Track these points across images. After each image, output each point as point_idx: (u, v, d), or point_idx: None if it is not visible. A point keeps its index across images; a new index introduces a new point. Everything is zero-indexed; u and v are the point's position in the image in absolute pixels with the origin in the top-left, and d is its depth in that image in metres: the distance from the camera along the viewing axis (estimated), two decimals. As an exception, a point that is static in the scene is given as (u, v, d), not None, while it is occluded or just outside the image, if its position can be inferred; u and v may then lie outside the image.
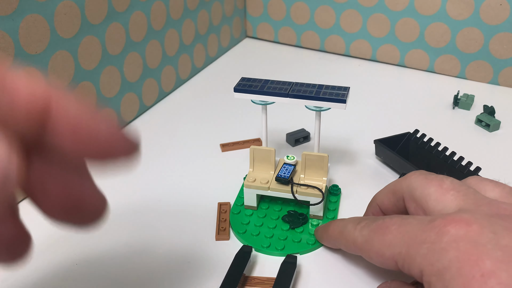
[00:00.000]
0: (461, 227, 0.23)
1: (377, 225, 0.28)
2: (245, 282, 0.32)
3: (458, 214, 0.25)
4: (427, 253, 0.24)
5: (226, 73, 0.65)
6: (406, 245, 0.25)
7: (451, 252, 0.23)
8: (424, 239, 0.24)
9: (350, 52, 0.68)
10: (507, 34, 0.56)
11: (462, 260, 0.22)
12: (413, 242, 0.25)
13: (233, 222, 0.37)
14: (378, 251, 0.27)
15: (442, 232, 0.24)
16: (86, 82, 0.46)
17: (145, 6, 0.52)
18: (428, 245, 0.24)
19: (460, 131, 0.50)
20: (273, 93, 0.37)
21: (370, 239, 0.28)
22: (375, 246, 0.27)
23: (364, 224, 0.29)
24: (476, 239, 0.23)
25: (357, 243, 0.29)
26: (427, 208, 0.27)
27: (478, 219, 0.24)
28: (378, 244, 0.27)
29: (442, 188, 0.27)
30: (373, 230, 0.28)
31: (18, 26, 0.37)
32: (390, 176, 0.43)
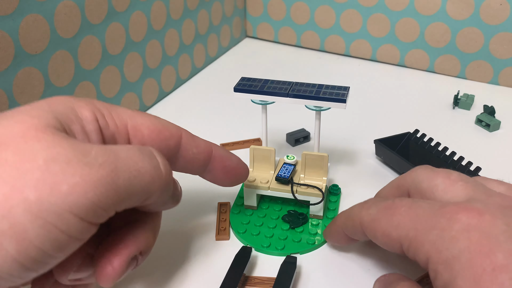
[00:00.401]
0: (473, 216, 0.23)
1: (386, 205, 0.27)
2: (245, 282, 0.32)
3: (470, 202, 0.24)
4: (436, 240, 0.23)
5: (226, 73, 0.65)
6: (414, 229, 0.24)
7: (462, 241, 0.22)
8: (434, 224, 0.23)
9: (350, 52, 0.68)
10: (507, 34, 0.56)
11: (473, 251, 0.21)
12: (422, 227, 0.24)
13: (233, 222, 0.37)
14: (384, 231, 0.26)
15: (453, 219, 0.23)
16: (86, 82, 0.46)
17: (145, 6, 0.52)
18: (437, 231, 0.23)
19: (460, 131, 0.50)
20: (273, 93, 0.37)
21: (377, 218, 0.27)
22: (382, 225, 0.26)
23: (371, 204, 0.28)
24: (489, 230, 0.22)
25: (363, 222, 0.28)
26: (434, 199, 0.27)
27: (491, 209, 0.23)
28: (385, 224, 0.26)
29: (449, 179, 0.27)
30: (381, 210, 0.27)
31: (18, 26, 0.37)
32: (390, 176, 0.43)
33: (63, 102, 0.24)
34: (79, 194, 0.20)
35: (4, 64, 0.37)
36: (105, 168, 0.21)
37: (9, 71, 0.37)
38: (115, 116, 0.26)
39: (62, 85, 0.43)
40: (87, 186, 0.20)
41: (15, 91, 0.38)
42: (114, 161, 0.22)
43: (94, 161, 0.21)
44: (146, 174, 0.24)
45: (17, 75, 0.38)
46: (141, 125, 0.27)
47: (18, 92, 0.38)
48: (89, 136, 0.25)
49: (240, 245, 0.35)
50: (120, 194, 0.22)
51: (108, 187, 0.21)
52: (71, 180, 0.20)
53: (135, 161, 0.23)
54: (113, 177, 0.22)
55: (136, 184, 0.23)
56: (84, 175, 0.21)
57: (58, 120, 0.23)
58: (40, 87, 0.40)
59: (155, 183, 0.24)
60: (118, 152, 0.23)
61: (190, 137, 0.29)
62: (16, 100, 0.38)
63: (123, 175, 0.22)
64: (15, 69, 0.38)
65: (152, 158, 0.25)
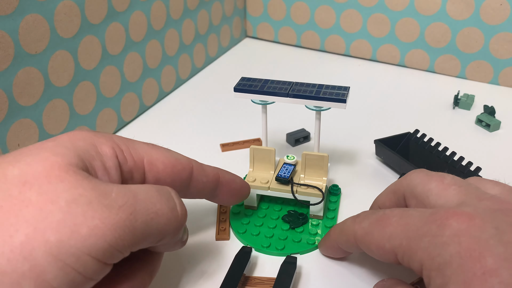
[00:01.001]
0: (463, 221, 0.23)
1: (377, 217, 0.27)
2: (245, 282, 0.32)
3: (460, 207, 0.24)
4: (428, 247, 0.23)
5: (226, 73, 0.65)
6: (407, 238, 0.24)
7: (452, 246, 0.22)
8: (425, 232, 0.24)
9: (350, 52, 0.68)
10: (507, 34, 0.56)
11: (463, 256, 0.22)
12: (414, 235, 0.24)
13: (233, 222, 0.37)
14: (378, 243, 0.26)
15: (443, 225, 0.23)
16: (86, 82, 0.46)
17: (145, 6, 0.52)
18: (429, 238, 0.23)
19: (460, 131, 0.50)
20: (273, 93, 0.37)
21: (370, 231, 0.27)
22: (375, 238, 0.27)
23: (363, 217, 0.29)
24: (478, 234, 0.22)
25: (357, 236, 0.28)
26: (428, 203, 0.27)
27: (481, 213, 0.23)
28: (378, 236, 0.26)
29: (443, 183, 0.27)
30: (373, 223, 0.27)
31: (18, 26, 0.37)
32: (390, 176, 0.43)
33: (85, 138, 0.25)
34: (98, 237, 0.21)
35: (4, 64, 0.37)
36: (124, 211, 0.22)
37: (9, 71, 0.37)
38: (132, 152, 0.27)
39: (62, 85, 0.43)
40: (106, 229, 0.21)
41: (15, 91, 0.38)
42: (133, 203, 0.23)
43: (114, 203, 0.22)
44: (163, 217, 0.24)
45: (17, 75, 0.38)
46: (156, 160, 0.28)
47: (18, 92, 0.38)
48: (109, 172, 0.25)
49: (240, 245, 0.35)
50: (137, 236, 0.23)
51: (126, 230, 0.22)
52: (91, 223, 0.21)
53: (153, 203, 0.24)
54: (131, 219, 0.22)
55: (153, 226, 0.24)
56: (104, 218, 0.21)
57: (80, 158, 0.23)
58: (40, 87, 0.40)
59: (171, 225, 0.25)
60: (137, 193, 0.24)
61: (200, 168, 0.31)
62: (16, 100, 0.38)
63: (141, 217, 0.23)
64: (15, 69, 0.38)
65: (169, 199, 0.25)
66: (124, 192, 0.23)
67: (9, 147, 0.38)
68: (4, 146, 0.38)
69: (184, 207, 0.27)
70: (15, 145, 0.39)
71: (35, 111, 0.40)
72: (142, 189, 0.24)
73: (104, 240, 0.21)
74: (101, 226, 0.21)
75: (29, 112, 0.40)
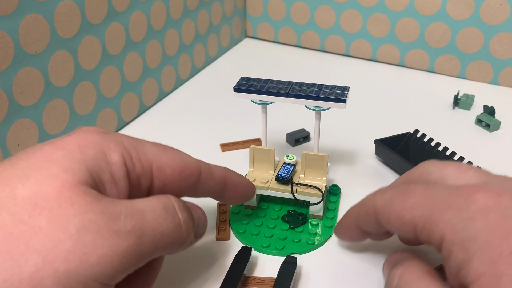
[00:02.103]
0: (492, 196, 0.22)
1: (401, 189, 0.26)
2: (245, 282, 0.32)
3: (486, 184, 0.23)
4: (452, 220, 0.22)
5: (226, 73, 0.65)
6: (430, 209, 0.24)
7: (479, 222, 0.21)
8: (450, 204, 0.23)
9: (350, 52, 0.68)
10: (507, 34, 0.56)
11: (490, 232, 0.21)
12: (437, 206, 0.23)
13: (233, 222, 0.37)
14: (398, 213, 0.25)
15: (470, 199, 0.22)
16: (86, 82, 0.46)
17: (145, 6, 0.52)
18: (453, 211, 0.22)
19: (460, 131, 0.50)
20: (273, 93, 0.37)
21: (391, 201, 0.26)
22: (396, 208, 0.26)
23: (385, 189, 0.28)
24: (507, 212, 0.21)
25: (377, 207, 0.27)
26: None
27: (509, 191, 0.22)
28: (399, 206, 0.25)
29: (460, 168, 0.26)
30: (395, 193, 0.26)
31: (18, 26, 0.37)
32: (390, 176, 0.43)
33: (94, 144, 0.25)
34: (106, 264, 0.21)
35: (4, 64, 0.37)
36: (132, 236, 0.22)
37: (9, 71, 0.37)
38: (142, 157, 0.27)
39: (62, 85, 0.43)
40: (114, 256, 0.21)
41: (15, 91, 0.38)
42: (141, 225, 0.23)
43: (123, 228, 0.22)
44: (169, 236, 0.25)
45: (17, 75, 0.38)
46: (165, 165, 0.27)
47: (18, 92, 0.38)
48: (117, 184, 0.25)
49: (240, 245, 0.35)
50: (143, 257, 0.23)
51: (133, 253, 0.22)
52: (100, 251, 0.21)
53: (160, 223, 0.24)
54: (139, 243, 0.23)
55: (159, 245, 0.24)
56: (112, 245, 0.21)
57: (90, 173, 0.23)
58: (40, 87, 0.40)
59: (175, 242, 0.26)
60: (145, 213, 0.24)
61: (207, 171, 0.30)
62: (15, 100, 0.38)
63: (148, 239, 0.23)
64: (15, 69, 0.38)
65: (174, 216, 0.25)
66: (132, 213, 0.23)
67: (9, 147, 0.38)
68: (4, 146, 0.38)
69: (188, 223, 0.26)
70: (15, 145, 0.39)
71: (35, 111, 0.40)
72: (149, 208, 0.24)
73: (111, 267, 0.21)
74: (109, 254, 0.21)
75: (29, 112, 0.40)
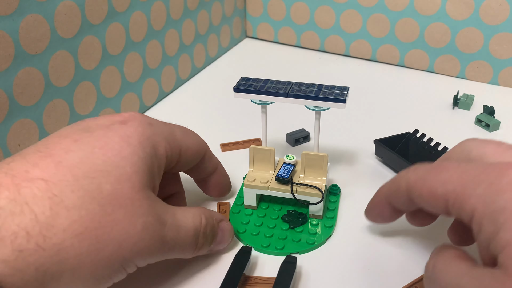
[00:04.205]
0: None
1: (435, 164, 0.27)
2: (245, 282, 0.32)
3: None
4: (483, 193, 0.23)
5: (226, 73, 0.65)
6: (462, 184, 0.24)
7: (509, 193, 0.22)
8: (483, 179, 0.23)
9: (350, 52, 0.68)
10: (507, 34, 0.56)
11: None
12: (470, 181, 0.24)
13: (233, 221, 0.37)
14: (430, 187, 0.26)
15: (502, 174, 0.23)
16: (86, 82, 0.46)
17: (145, 6, 0.52)
18: (485, 185, 0.23)
19: (460, 131, 0.50)
20: (273, 93, 0.37)
21: (424, 176, 0.27)
22: (429, 182, 0.26)
23: (418, 166, 0.28)
24: None
25: (410, 182, 0.28)
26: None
27: None
28: (432, 180, 0.26)
29: (500, 147, 0.27)
30: (428, 169, 0.27)
31: (18, 26, 0.37)
32: (390, 176, 0.43)
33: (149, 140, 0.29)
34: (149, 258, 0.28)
35: (4, 64, 0.37)
36: (167, 244, 0.29)
37: (9, 71, 0.37)
38: (174, 144, 0.32)
39: (62, 85, 0.43)
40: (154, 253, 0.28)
41: (15, 91, 0.38)
42: (177, 235, 0.29)
43: (166, 237, 0.28)
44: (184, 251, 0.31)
45: (17, 75, 0.38)
46: (188, 148, 0.33)
47: (18, 92, 0.38)
48: (160, 174, 0.30)
49: (240, 245, 0.35)
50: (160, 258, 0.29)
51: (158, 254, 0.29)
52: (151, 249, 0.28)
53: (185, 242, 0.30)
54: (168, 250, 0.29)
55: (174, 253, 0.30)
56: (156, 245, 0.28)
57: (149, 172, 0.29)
58: (40, 87, 0.40)
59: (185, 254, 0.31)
60: (180, 230, 0.29)
61: (210, 152, 0.36)
62: (16, 100, 0.38)
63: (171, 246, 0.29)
64: (15, 69, 0.38)
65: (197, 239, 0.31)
66: (173, 226, 0.29)
67: (9, 147, 0.38)
68: (4, 146, 0.38)
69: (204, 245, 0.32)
70: (15, 145, 0.39)
71: (36, 111, 0.40)
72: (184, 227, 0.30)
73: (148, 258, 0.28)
74: (153, 251, 0.28)
75: (29, 112, 0.40)
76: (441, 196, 0.25)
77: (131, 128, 0.29)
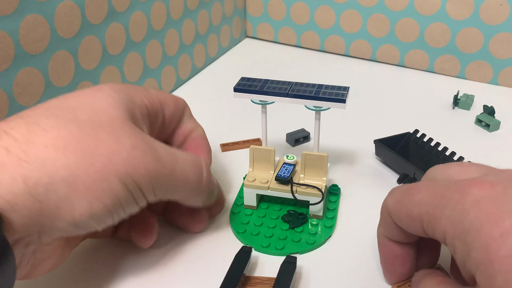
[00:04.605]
0: (485, 188, 0.23)
1: (408, 186, 0.28)
2: (245, 282, 0.32)
3: (483, 177, 0.24)
4: (451, 215, 0.23)
5: (226, 73, 0.65)
6: (432, 205, 0.25)
7: (472, 212, 0.22)
8: (449, 199, 0.24)
9: (350, 52, 0.68)
10: (507, 34, 0.56)
11: (482, 220, 0.22)
12: (438, 203, 0.24)
13: (233, 222, 0.37)
14: (407, 210, 0.27)
15: (466, 192, 0.23)
16: (86, 82, 0.46)
17: (145, 6, 0.52)
18: (452, 206, 0.23)
19: (460, 131, 0.50)
20: (273, 93, 0.37)
21: (400, 199, 0.28)
22: (405, 205, 0.27)
23: (395, 189, 0.29)
24: (499, 199, 0.22)
25: (389, 207, 0.28)
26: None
27: (504, 181, 0.23)
28: (407, 202, 0.27)
29: (462, 166, 0.27)
30: (403, 192, 0.28)
31: (18, 26, 0.37)
32: (390, 176, 0.43)
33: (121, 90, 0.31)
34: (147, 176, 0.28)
35: (4, 64, 0.37)
36: (167, 167, 0.29)
37: (9, 71, 0.37)
38: (150, 96, 0.33)
39: (62, 85, 0.43)
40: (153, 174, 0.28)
41: (15, 91, 0.38)
42: (174, 164, 0.30)
43: (161, 159, 0.29)
44: (191, 183, 0.31)
45: (17, 75, 0.38)
46: (166, 99, 0.35)
47: (18, 92, 0.38)
48: (144, 121, 0.32)
49: (240, 245, 0.35)
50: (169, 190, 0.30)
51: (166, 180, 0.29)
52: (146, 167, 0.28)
53: (187, 170, 0.31)
54: (170, 176, 0.29)
55: (181, 186, 0.31)
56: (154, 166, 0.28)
57: (128, 111, 0.30)
58: (40, 87, 0.40)
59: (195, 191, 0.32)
60: (177, 158, 0.30)
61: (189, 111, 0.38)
62: (16, 100, 0.38)
63: (176, 175, 0.30)
64: (15, 69, 0.38)
65: (199, 172, 0.32)
66: (168, 152, 0.30)
67: (10, 147, 0.38)
68: (4, 146, 0.38)
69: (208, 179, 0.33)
70: (15, 145, 0.39)
71: (35, 111, 0.40)
72: (182, 156, 0.31)
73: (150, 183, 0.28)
74: (151, 171, 0.28)
75: (29, 112, 0.40)
76: (416, 217, 0.26)
77: (103, 85, 0.31)
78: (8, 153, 0.24)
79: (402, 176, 0.41)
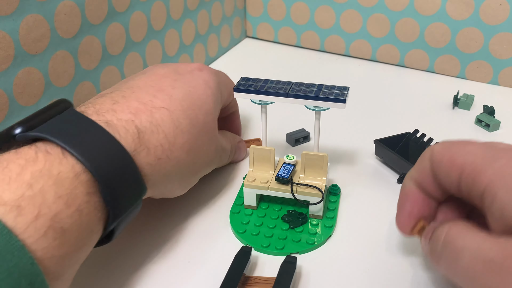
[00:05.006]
0: None
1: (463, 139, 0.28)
2: (245, 282, 0.32)
3: None
4: (502, 166, 0.24)
5: (226, 73, 0.65)
6: (483, 157, 0.25)
7: None
8: (503, 155, 0.25)
9: (350, 52, 0.68)
10: (507, 34, 0.56)
11: None
12: (490, 156, 0.25)
13: (233, 221, 0.37)
14: (452, 155, 0.27)
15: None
16: (86, 82, 0.46)
17: (145, 6, 0.52)
18: (505, 160, 0.24)
19: (460, 131, 0.50)
20: (273, 93, 0.37)
21: (449, 146, 0.28)
22: (452, 151, 0.27)
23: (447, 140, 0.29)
24: None
25: (433, 151, 0.29)
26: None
27: None
28: (456, 150, 0.27)
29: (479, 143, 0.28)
30: (455, 141, 0.28)
31: (18, 26, 0.37)
32: (390, 176, 0.43)
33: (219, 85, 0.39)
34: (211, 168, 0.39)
35: (4, 64, 0.37)
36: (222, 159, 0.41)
37: (9, 71, 0.37)
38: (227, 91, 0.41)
39: (62, 85, 0.43)
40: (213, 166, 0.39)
41: (15, 91, 0.38)
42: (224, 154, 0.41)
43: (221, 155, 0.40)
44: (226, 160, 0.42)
45: (17, 75, 0.38)
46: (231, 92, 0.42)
47: (18, 92, 0.38)
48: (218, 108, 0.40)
49: (240, 245, 0.35)
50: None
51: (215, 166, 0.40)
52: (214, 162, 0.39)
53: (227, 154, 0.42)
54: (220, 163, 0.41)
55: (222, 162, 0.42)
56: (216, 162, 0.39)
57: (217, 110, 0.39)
58: (40, 87, 0.40)
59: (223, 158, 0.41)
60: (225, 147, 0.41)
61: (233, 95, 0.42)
62: (16, 100, 0.38)
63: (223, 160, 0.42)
64: (15, 69, 0.38)
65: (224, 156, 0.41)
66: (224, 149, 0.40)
67: (10, 147, 0.38)
68: (4, 146, 0.38)
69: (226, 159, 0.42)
70: (15, 145, 0.39)
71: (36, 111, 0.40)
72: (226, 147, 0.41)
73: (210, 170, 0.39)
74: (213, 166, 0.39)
75: (30, 112, 0.40)
76: (459, 165, 0.26)
77: (207, 75, 0.38)
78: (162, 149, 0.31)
79: (402, 176, 0.41)
